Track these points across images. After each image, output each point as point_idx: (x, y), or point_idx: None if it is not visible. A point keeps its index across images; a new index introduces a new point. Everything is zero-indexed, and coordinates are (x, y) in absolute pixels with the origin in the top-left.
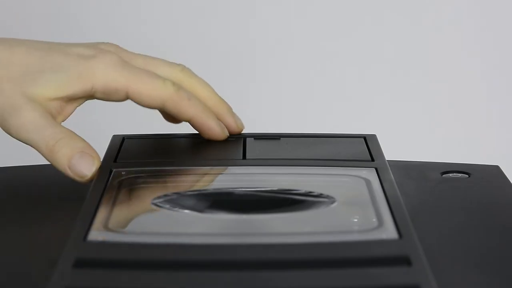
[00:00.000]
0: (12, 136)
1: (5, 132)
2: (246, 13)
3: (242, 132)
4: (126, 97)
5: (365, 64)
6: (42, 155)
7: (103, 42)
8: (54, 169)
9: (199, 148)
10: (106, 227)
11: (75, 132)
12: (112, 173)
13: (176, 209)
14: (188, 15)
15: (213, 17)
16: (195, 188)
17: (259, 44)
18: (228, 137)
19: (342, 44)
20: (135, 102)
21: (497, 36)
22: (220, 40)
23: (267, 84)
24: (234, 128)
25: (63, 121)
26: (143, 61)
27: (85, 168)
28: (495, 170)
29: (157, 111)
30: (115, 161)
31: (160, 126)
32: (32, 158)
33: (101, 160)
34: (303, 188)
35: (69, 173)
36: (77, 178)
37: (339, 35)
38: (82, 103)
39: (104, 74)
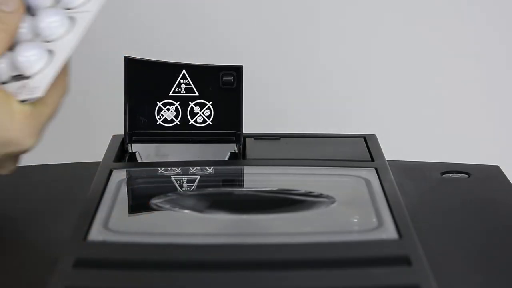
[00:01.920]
0: None
1: None
2: (246, 12)
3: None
4: None
5: (365, 64)
6: None
7: None
8: (55, 170)
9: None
10: (106, 227)
11: (76, 132)
12: (112, 173)
13: (176, 209)
14: (188, 12)
15: (213, 15)
16: (195, 188)
17: (258, 43)
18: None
19: (341, 43)
20: None
21: (497, 36)
22: (220, 39)
23: (267, 84)
24: None
25: None
26: None
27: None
28: (495, 170)
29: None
30: (115, 161)
31: None
32: (32, 158)
33: (102, 159)
34: (303, 188)
35: None
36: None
37: (339, 35)
38: None
39: None
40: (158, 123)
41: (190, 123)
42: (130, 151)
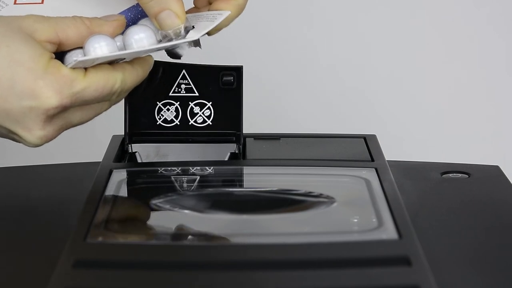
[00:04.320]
0: None
1: None
2: (246, 12)
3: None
4: None
5: (365, 64)
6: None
7: None
8: (55, 170)
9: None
10: (105, 227)
11: (76, 132)
12: (112, 173)
13: (176, 209)
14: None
15: None
16: (195, 188)
17: (258, 43)
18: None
19: (342, 43)
20: None
21: (497, 36)
22: (219, 39)
23: (267, 84)
24: None
25: None
26: None
27: (169, 23)
28: (495, 170)
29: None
30: (115, 161)
31: None
32: (32, 158)
33: (102, 159)
34: (303, 188)
35: (155, 23)
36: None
37: (339, 35)
38: None
39: None
40: (158, 123)
41: (190, 123)
42: (130, 151)
